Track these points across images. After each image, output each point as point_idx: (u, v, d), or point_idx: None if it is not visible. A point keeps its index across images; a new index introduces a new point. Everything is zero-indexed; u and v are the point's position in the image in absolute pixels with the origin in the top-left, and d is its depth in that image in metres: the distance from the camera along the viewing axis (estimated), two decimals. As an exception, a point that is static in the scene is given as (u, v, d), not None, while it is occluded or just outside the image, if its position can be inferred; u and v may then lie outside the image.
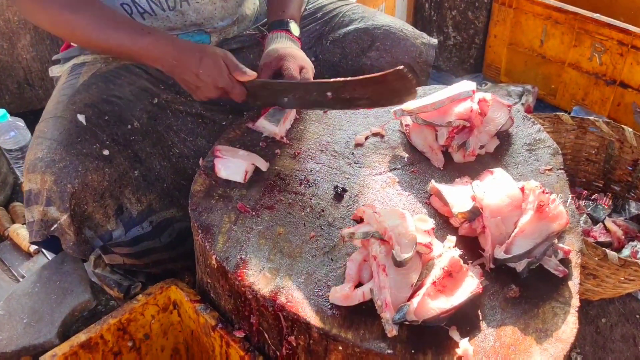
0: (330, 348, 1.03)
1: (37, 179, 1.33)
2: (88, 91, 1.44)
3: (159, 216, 1.48)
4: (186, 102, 1.57)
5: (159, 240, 1.49)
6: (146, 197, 1.44)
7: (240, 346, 1.18)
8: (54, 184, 1.31)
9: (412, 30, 1.78)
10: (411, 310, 0.98)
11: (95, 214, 1.37)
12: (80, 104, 1.40)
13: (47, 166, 1.31)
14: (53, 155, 1.32)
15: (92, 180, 1.33)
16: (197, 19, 1.57)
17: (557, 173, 1.32)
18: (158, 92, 1.54)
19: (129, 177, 1.41)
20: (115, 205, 1.39)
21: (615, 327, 1.81)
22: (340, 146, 1.42)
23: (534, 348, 0.99)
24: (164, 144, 1.50)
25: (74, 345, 1.24)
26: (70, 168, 1.31)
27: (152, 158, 1.46)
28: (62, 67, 1.62)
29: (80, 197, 1.33)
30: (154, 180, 1.46)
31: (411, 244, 1.02)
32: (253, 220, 1.21)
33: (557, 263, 1.11)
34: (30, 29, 2.41)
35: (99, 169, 1.34)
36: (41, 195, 1.34)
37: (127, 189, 1.41)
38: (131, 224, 1.43)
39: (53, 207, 1.33)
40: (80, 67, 1.53)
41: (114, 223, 1.41)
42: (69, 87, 1.47)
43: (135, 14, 1.49)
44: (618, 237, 1.85)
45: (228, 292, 1.18)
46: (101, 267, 1.69)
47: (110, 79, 1.49)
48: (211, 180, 1.29)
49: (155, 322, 1.35)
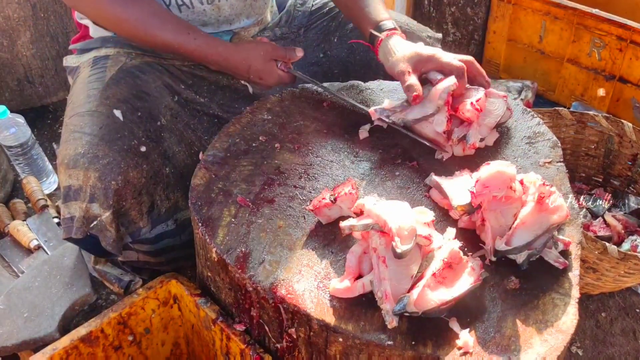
0: (330, 340, 1.03)
1: (79, 175, 1.32)
2: (118, 86, 1.44)
3: (183, 214, 1.49)
4: (204, 102, 1.58)
5: (179, 238, 1.50)
6: (174, 194, 1.45)
7: (240, 339, 1.18)
8: (98, 180, 1.30)
9: (417, 25, 1.79)
10: (411, 301, 0.98)
11: (132, 210, 1.38)
12: (113, 99, 1.40)
13: (90, 162, 1.31)
14: (96, 151, 1.31)
15: (132, 177, 1.34)
16: (230, 15, 1.59)
17: (556, 166, 1.32)
18: (179, 90, 1.55)
19: (162, 174, 1.42)
20: (149, 202, 1.40)
21: (616, 321, 1.82)
22: (340, 140, 1.42)
23: (534, 339, 0.99)
24: (186, 142, 1.51)
25: (75, 339, 1.24)
26: (114, 164, 1.31)
27: (177, 156, 1.47)
28: (79, 57, 1.60)
29: (122, 194, 1.33)
30: (180, 178, 1.47)
31: (411, 235, 1.02)
32: (253, 214, 1.21)
33: (557, 255, 1.12)
34: (29, 26, 2.42)
35: (138, 166, 1.35)
36: (82, 192, 1.33)
37: (160, 186, 1.42)
38: (158, 221, 1.44)
39: (96, 204, 1.32)
40: (104, 60, 1.52)
41: (145, 220, 1.41)
42: (96, 80, 1.46)
43: (172, 5, 1.50)
44: (618, 231, 1.85)
45: (228, 285, 1.18)
46: (102, 263, 1.70)
47: (137, 74, 1.49)
48: (211, 174, 1.30)
49: (155, 316, 1.36)
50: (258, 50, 1.48)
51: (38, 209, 2.00)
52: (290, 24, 1.74)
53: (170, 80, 1.53)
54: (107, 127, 1.35)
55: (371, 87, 1.58)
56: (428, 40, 1.77)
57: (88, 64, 1.53)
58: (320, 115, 1.50)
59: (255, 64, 1.46)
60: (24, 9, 2.37)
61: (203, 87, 1.58)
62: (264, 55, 1.47)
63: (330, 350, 1.05)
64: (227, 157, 1.34)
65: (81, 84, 1.47)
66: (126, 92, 1.43)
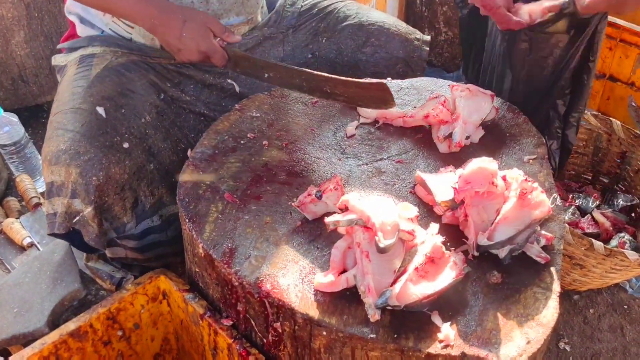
0: (314, 333, 1.04)
1: (60, 171, 1.34)
2: (103, 83, 1.45)
3: (168, 210, 1.50)
4: (190, 101, 1.59)
5: (166, 234, 1.51)
6: (158, 190, 1.47)
7: (227, 334, 1.20)
8: (79, 176, 1.32)
9: (405, 27, 1.81)
10: (393, 295, 1.00)
11: (115, 206, 1.39)
12: (97, 96, 1.41)
13: (72, 158, 1.32)
14: (77, 147, 1.33)
15: (114, 172, 1.35)
16: (218, 9, 1.59)
17: (540, 162, 1.34)
18: (164, 88, 1.56)
19: (146, 170, 1.43)
20: (132, 198, 1.42)
21: (603, 318, 1.83)
22: (327, 137, 1.43)
23: (515, 332, 1.00)
24: (172, 139, 1.52)
25: (64, 334, 1.25)
26: (95, 160, 1.33)
27: (163, 152, 1.49)
28: (67, 56, 1.62)
29: (103, 189, 1.34)
30: (165, 174, 1.48)
31: (394, 231, 1.03)
32: (240, 210, 1.23)
33: (539, 250, 1.13)
34: (23, 26, 2.42)
35: (120, 162, 1.36)
36: (65, 188, 1.35)
37: (143, 181, 1.43)
38: (143, 217, 1.45)
39: (78, 200, 1.34)
40: (90, 59, 1.53)
41: (130, 216, 1.43)
42: (81, 78, 1.47)
43: None
44: (606, 228, 1.86)
45: (215, 280, 1.19)
46: (94, 260, 1.71)
47: (122, 72, 1.50)
48: (199, 171, 1.31)
49: (145, 312, 1.37)
50: (197, 12, 1.44)
51: (31, 207, 2.01)
52: (279, 24, 1.75)
53: (156, 79, 1.54)
54: (89, 124, 1.36)
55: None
56: (416, 43, 1.78)
57: (75, 62, 1.54)
58: (308, 112, 1.51)
59: (191, 22, 1.39)
60: (17, 9, 2.38)
61: (189, 85, 1.60)
62: (203, 18, 1.41)
63: (314, 344, 1.06)
64: (215, 154, 1.35)
65: (67, 82, 1.48)
66: (111, 89, 1.44)
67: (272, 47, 1.72)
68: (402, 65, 1.75)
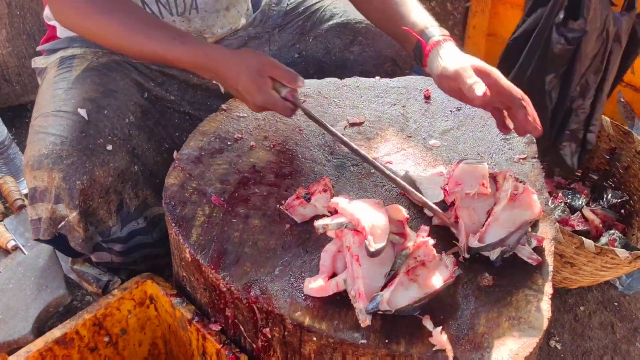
0: (304, 339, 1.03)
1: (43, 176, 1.30)
2: (84, 85, 1.42)
3: (152, 211, 1.47)
4: (174, 100, 1.57)
5: (151, 236, 1.48)
6: (143, 192, 1.44)
7: (216, 339, 1.18)
8: (62, 180, 1.29)
9: None
10: (384, 299, 0.98)
11: (100, 210, 1.36)
12: (79, 98, 1.38)
13: (55, 163, 1.29)
14: (59, 151, 1.30)
15: (98, 176, 1.32)
16: (201, 26, 1.57)
17: (531, 162, 1.33)
18: (148, 87, 1.53)
19: (130, 172, 1.40)
20: (117, 200, 1.39)
21: (594, 315, 1.83)
22: (317, 138, 1.41)
23: (507, 335, 0.99)
24: (156, 139, 1.50)
25: (49, 341, 1.23)
26: (78, 164, 1.30)
27: (147, 153, 1.46)
28: (47, 58, 1.59)
29: (88, 193, 1.32)
30: (149, 176, 1.46)
31: (384, 234, 1.02)
32: (228, 213, 1.21)
33: (531, 251, 1.12)
34: (5, 24, 2.39)
35: (104, 164, 1.33)
36: (48, 193, 1.32)
37: (128, 184, 1.40)
38: (128, 219, 1.43)
39: (62, 205, 1.31)
40: (70, 60, 1.50)
41: (115, 219, 1.40)
42: (62, 80, 1.44)
43: None
44: (596, 225, 1.86)
45: (203, 285, 1.17)
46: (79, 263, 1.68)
47: (104, 72, 1.47)
48: (185, 173, 1.29)
49: (132, 317, 1.35)
50: (253, 61, 1.25)
51: (15, 209, 1.98)
52: (264, 24, 1.72)
53: (140, 78, 1.52)
54: (71, 126, 1.33)
55: (348, 84, 1.58)
56: None
57: (55, 64, 1.51)
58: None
59: (245, 75, 1.23)
60: (-1, 7, 2.35)
61: (173, 85, 1.57)
62: (260, 68, 1.24)
63: (304, 350, 1.05)
64: (201, 156, 1.33)
65: (47, 85, 1.45)
66: (92, 90, 1.41)
67: (257, 47, 1.69)
68: (391, 64, 1.74)
